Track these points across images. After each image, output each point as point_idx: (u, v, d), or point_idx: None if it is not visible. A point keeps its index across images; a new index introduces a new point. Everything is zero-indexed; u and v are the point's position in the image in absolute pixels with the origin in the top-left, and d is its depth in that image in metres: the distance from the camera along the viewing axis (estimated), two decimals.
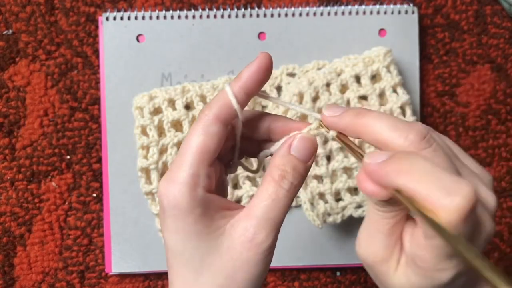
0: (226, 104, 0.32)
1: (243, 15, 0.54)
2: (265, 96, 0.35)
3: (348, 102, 0.52)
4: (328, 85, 0.52)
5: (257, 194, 0.31)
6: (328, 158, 0.52)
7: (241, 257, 0.30)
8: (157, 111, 0.51)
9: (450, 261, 0.27)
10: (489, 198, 0.29)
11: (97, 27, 0.55)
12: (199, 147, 0.31)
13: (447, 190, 0.25)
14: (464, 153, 0.31)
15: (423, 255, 0.28)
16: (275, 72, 0.54)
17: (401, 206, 0.29)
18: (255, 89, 0.32)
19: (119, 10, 0.55)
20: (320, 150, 0.51)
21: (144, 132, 0.51)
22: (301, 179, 0.32)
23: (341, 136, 0.32)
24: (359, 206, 0.53)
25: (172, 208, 0.30)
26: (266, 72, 0.32)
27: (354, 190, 0.53)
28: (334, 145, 0.52)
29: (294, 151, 0.32)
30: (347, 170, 0.52)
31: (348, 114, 0.31)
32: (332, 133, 0.32)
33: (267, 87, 0.53)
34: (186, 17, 0.54)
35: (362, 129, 0.30)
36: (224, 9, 0.54)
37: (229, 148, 0.35)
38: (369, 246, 0.30)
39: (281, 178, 0.31)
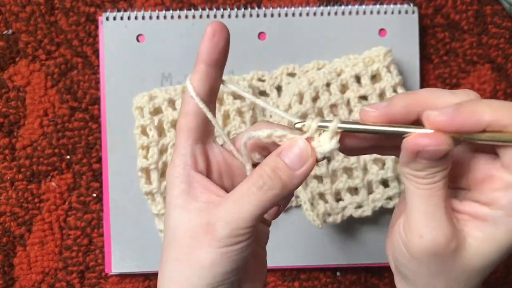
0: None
1: (243, 15, 0.54)
2: (228, 85, 0.34)
3: (348, 102, 0.52)
4: (328, 85, 0.52)
5: (236, 188, 0.31)
6: (328, 158, 0.52)
7: (197, 238, 0.31)
8: (157, 111, 0.51)
9: None
10: None
11: (97, 27, 0.55)
12: (180, 127, 0.32)
13: None
14: None
15: None
16: (275, 72, 0.54)
17: (448, 164, 0.29)
18: (216, 59, 0.32)
19: (119, 10, 0.55)
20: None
21: (144, 132, 0.51)
22: (280, 184, 0.30)
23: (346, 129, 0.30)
24: (359, 206, 0.53)
25: (167, 182, 0.33)
26: (216, 36, 0.32)
27: (354, 190, 0.53)
28: None
29: (283, 154, 0.31)
30: (347, 170, 0.52)
31: (397, 98, 0.30)
32: (334, 125, 0.30)
33: (267, 87, 0.53)
34: (186, 17, 0.54)
35: (421, 104, 0.29)
36: (224, 9, 0.54)
37: None
38: (433, 230, 0.29)
39: (256, 175, 0.30)
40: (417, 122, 0.29)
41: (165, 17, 0.54)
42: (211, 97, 0.33)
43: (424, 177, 0.29)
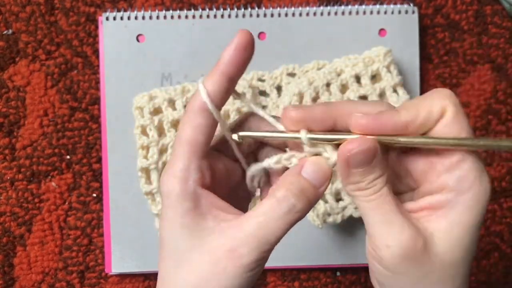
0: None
1: (243, 15, 0.54)
2: (240, 97, 0.33)
3: None
4: (328, 85, 0.52)
5: (256, 207, 0.30)
6: None
7: (220, 264, 0.29)
8: (157, 111, 0.51)
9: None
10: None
11: (97, 27, 0.55)
12: (188, 140, 0.30)
13: (440, 97, 0.30)
14: None
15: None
16: (275, 72, 0.54)
17: (383, 170, 0.30)
18: (237, 72, 0.31)
19: (119, 10, 0.55)
20: None
21: (144, 132, 0.51)
22: (307, 204, 0.30)
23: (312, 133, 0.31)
24: None
25: (166, 198, 0.30)
26: (246, 51, 0.31)
27: None
28: None
29: (305, 173, 0.30)
30: None
31: (319, 104, 0.31)
32: (303, 135, 0.30)
33: (267, 87, 0.53)
34: (186, 17, 0.54)
35: (339, 112, 0.30)
36: (224, 9, 0.54)
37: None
38: (396, 235, 0.29)
39: (283, 197, 0.29)
40: (332, 130, 0.31)
41: (165, 17, 0.54)
42: (218, 107, 0.31)
43: (366, 187, 0.30)
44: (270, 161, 0.32)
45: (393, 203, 0.30)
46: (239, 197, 0.35)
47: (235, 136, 0.32)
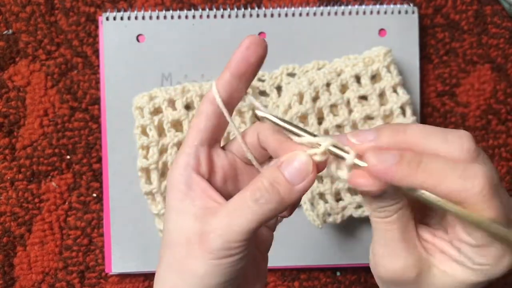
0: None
1: (243, 15, 0.54)
2: (252, 101, 0.33)
3: (348, 102, 0.52)
4: (328, 85, 0.52)
5: (232, 198, 0.30)
6: None
7: (192, 246, 0.30)
8: (157, 111, 0.51)
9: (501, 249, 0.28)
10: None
11: (97, 27, 0.55)
12: (191, 125, 0.32)
13: (464, 177, 0.26)
14: None
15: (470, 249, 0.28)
16: (275, 72, 0.54)
17: (396, 200, 0.29)
18: (247, 72, 0.31)
19: (119, 10, 0.55)
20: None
21: (144, 132, 0.51)
22: (277, 198, 0.29)
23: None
24: (359, 206, 0.53)
25: (168, 182, 0.32)
26: (255, 51, 0.31)
27: (354, 190, 0.53)
28: None
29: (283, 167, 0.30)
30: None
31: (385, 133, 0.29)
32: (351, 156, 0.28)
33: (267, 87, 0.53)
34: (186, 17, 0.54)
35: (408, 147, 0.28)
36: (224, 9, 0.54)
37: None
38: (392, 261, 0.30)
39: (254, 188, 0.29)
40: None
41: (165, 17, 0.54)
42: (228, 106, 0.32)
43: (376, 210, 0.30)
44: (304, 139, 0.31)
45: (399, 231, 0.30)
46: None
47: (258, 112, 0.32)
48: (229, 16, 0.54)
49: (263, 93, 0.54)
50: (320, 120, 0.52)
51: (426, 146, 0.28)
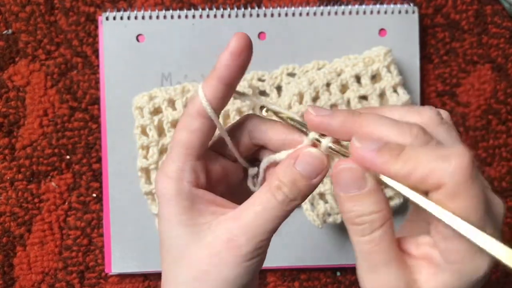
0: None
1: (243, 15, 0.54)
2: (243, 96, 0.33)
3: (348, 102, 0.52)
4: (328, 85, 0.52)
5: (251, 198, 0.31)
6: None
7: (219, 255, 0.30)
8: (157, 111, 0.51)
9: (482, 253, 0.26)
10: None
11: (97, 27, 0.55)
12: (183, 143, 0.31)
13: (442, 159, 0.25)
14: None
15: (456, 254, 0.27)
16: (275, 72, 0.54)
17: (379, 208, 0.28)
18: (235, 77, 0.31)
19: (119, 10, 0.55)
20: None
21: (144, 132, 0.51)
22: (300, 195, 0.31)
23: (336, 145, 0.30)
24: None
25: (162, 197, 0.32)
26: (241, 56, 0.30)
27: None
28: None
29: (298, 165, 0.30)
30: None
31: (341, 113, 0.30)
32: (327, 141, 0.30)
33: (267, 87, 0.53)
34: (186, 17, 0.54)
35: (358, 128, 0.29)
36: (224, 9, 0.54)
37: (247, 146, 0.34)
38: (372, 284, 0.29)
39: (276, 188, 0.30)
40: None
41: (165, 17, 0.54)
42: (217, 111, 0.32)
43: (355, 223, 0.29)
44: (281, 156, 0.32)
45: (382, 252, 0.29)
46: (241, 196, 0.35)
47: (263, 108, 0.33)
48: (229, 16, 0.54)
49: (263, 93, 0.54)
50: None
51: (376, 131, 0.28)
